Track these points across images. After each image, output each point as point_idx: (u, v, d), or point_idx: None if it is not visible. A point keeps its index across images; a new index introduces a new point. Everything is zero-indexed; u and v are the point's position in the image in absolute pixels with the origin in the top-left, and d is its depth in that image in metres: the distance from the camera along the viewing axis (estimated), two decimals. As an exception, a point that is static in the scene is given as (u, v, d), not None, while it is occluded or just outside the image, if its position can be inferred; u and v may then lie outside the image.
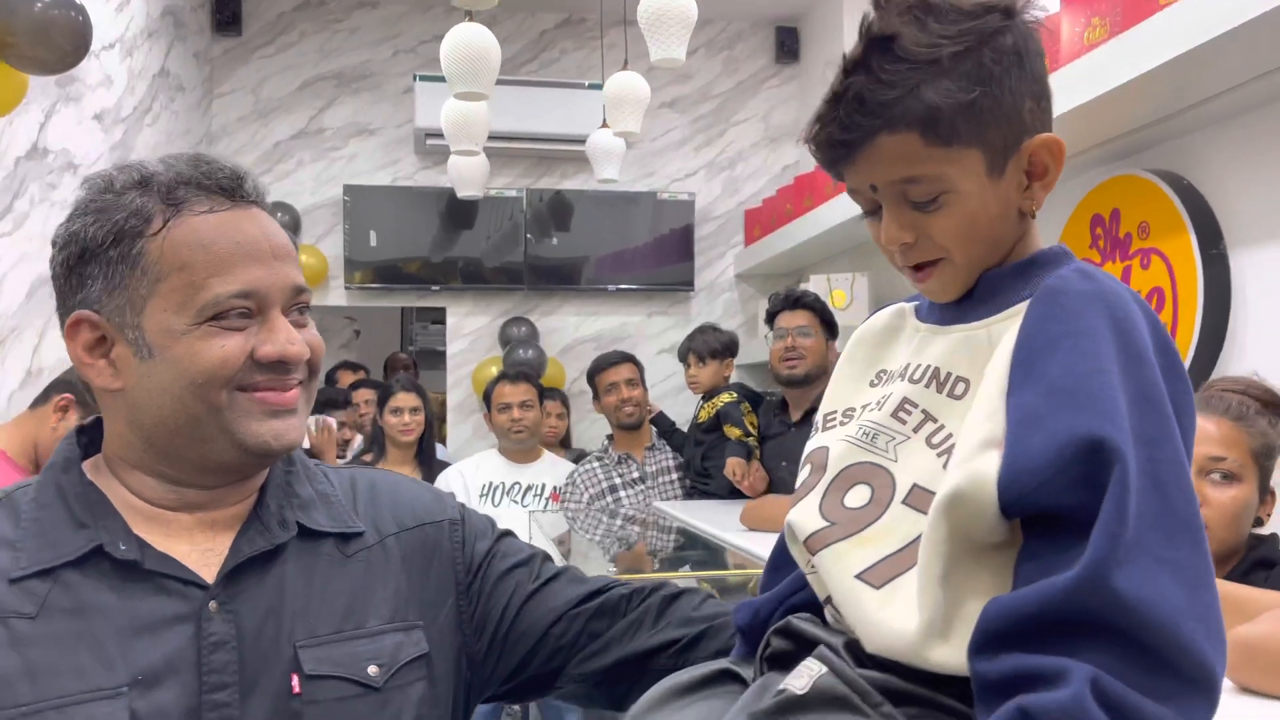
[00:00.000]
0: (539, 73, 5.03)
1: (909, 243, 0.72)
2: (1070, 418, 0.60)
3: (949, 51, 0.67)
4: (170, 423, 0.82)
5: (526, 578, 0.98)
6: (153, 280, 0.81)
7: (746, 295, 5.22)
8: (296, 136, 4.93)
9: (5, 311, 2.59)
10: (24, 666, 0.75)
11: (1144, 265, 2.50)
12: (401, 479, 1.03)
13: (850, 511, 0.72)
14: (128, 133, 3.52)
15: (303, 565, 0.86)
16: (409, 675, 0.87)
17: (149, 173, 0.83)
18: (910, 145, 0.68)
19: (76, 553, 0.79)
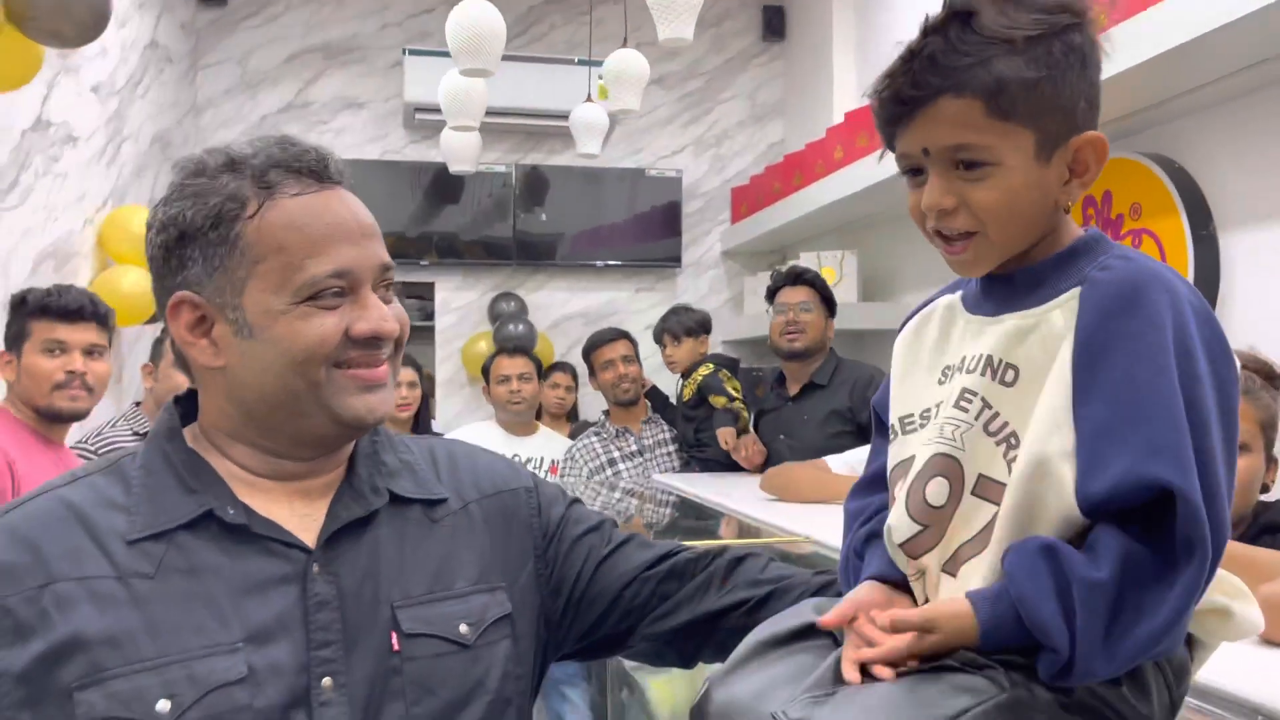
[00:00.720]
0: (528, 48, 5.03)
1: (949, 209, 0.76)
2: (1137, 452, 0.67)
3: (1024, 35, 0.73)
4: (271, 398, 0.86)
5: (599, 543, 1.03)
6: (251, 262, 0.84)
7: (733, 272, 5.29)
8: (284, 110, 4.90)
9: (14, 284, 2.58)
10: (145, 623, 0.78)
11: (1135, 245, 2.60)
12: (476, 449, 1.07)
13: (933, 510, 0.78)
14: (122, 104, 3.50)
15: (394, 530, 0.90)
16: (495, 634, 0.91)
17: (239, 156, 0.86)
18: (971, 112, 0.73)
19: (188, 516, 0.83)
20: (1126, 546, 0.68)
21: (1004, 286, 0.80)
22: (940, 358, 0.84)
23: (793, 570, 1.04)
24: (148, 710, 0.76)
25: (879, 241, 4.15)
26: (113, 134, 3.40)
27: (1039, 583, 0.69)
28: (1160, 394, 0.68)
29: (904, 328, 0.90)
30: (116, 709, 0.75)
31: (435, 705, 0.86)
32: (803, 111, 5.06)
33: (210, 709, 0.77)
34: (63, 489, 0.85)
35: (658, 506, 2.87)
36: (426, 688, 0.85)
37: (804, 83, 5.07)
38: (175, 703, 0.76)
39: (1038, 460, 0.72)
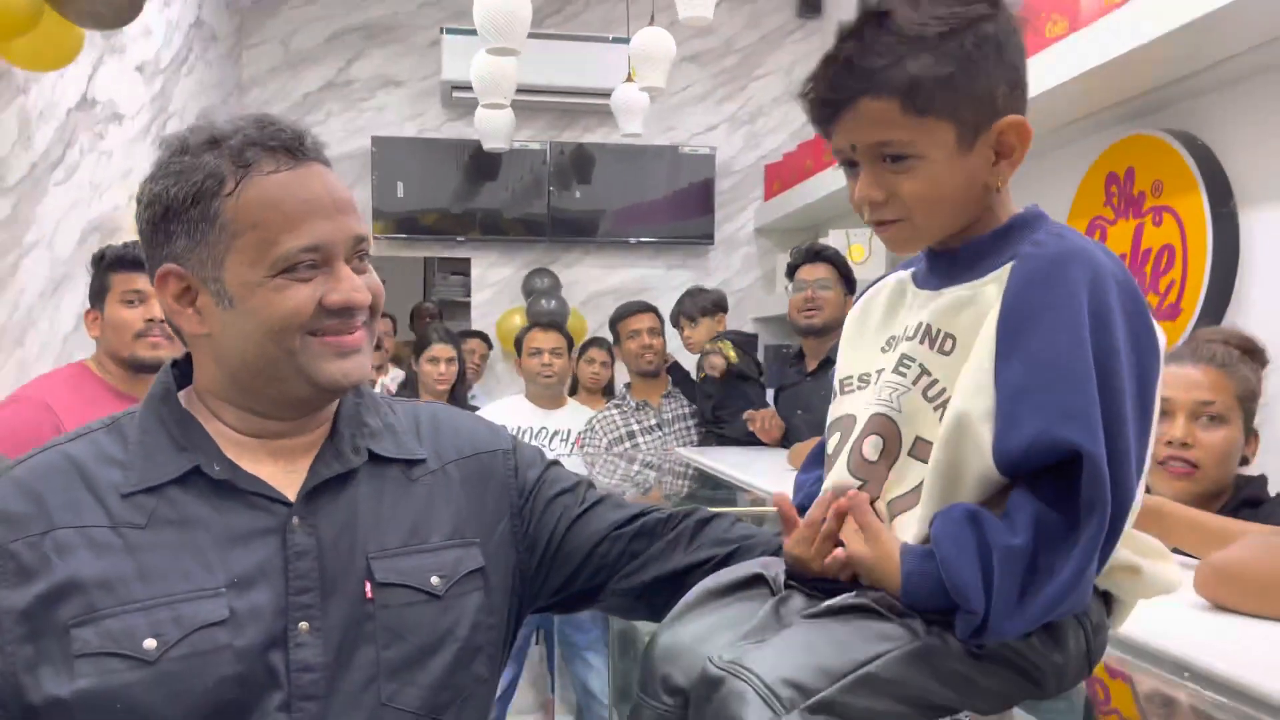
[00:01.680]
0: (563, 26, 5.07)
1: (879, 201, 0.80)
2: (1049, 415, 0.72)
3: (935, 31, 0.76)
4: (252, 365, 0.91)
5: (573, 502, 1.07)
6: (230, 236, 0.88)
7: (765, 249, 5.30)
8: (325, 88, 5.00)
9: (59, 258, 2.70)
10: (137, 569, 0.85)
11: (1156, 222, 2.58)
12: (460, 413, 1.13)
13: (870, 466, 0.83)
14: (166, 83, 3.61)
15: (373, 487, 0.96)
16: (467, 585, 0.97)
17: (219, 134, 0.90)
18: (889, 111, 0.77)
19: (178, 471, 0.90)
20: (1039, 511, 0.72)
21: (947, 262, 0.85)
22: (886, 328, 0.88)
23: (757, 530, 1.09)
24: (136, 647, 0.83)
25: (909, 219, 4.14)
26: (157, 112, 3.52)
27: (962, 547, 0.73)
28: (1074, 361, 0.72)
29: (859, 298, 0.95)
30: (108, 645, 0.82)
31: (405, 649, 0.91)
32: (838, 88, 5.04)
33: (193, 647, 0.84)
34: (67, 445, 0.92)
35: (676, 479, 2.93)
36: (397, 633, 0.91)
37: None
38: (161, 641, 0.83)
39: (959, 420, 0.76)
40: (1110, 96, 2.59)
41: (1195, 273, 2.44)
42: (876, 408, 0.83)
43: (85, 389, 1.93)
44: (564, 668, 3.42)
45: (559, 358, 3.49)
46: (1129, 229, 2.67)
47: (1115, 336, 0.73)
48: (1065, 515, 0.72)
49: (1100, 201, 2.76)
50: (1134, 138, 2.64)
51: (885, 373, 0.84)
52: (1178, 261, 2.50)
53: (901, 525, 0.80)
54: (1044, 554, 0.72)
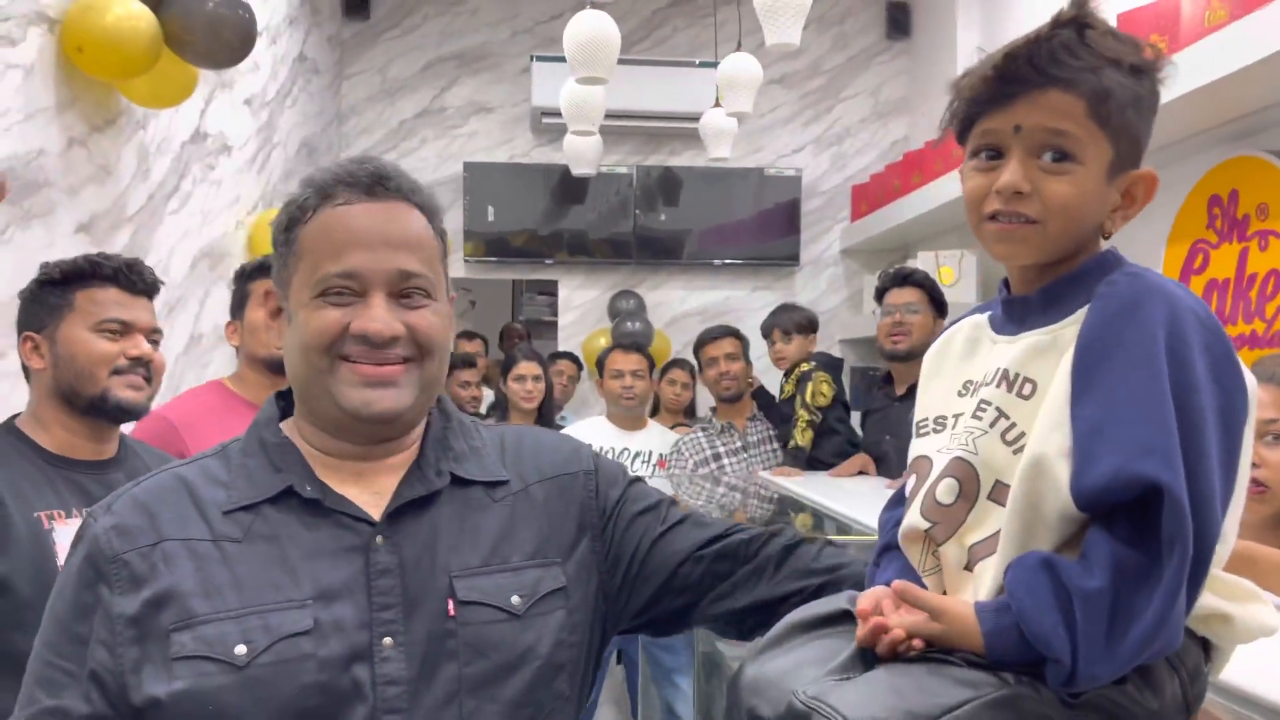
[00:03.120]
0: (651, 51, 5.14)
1: (1024, 192, 0.79)
2: (1127, 450, 0.71)
3: (1130, 62, 0.79)
4: (298, 381, 0.98)
5: (655, 521, 1.08)
6: (297, 259, 0.96)
7: (851, 270, 5.26)
8: (420, 115, 5.16)
9: (173, 282, 2.85)
10: (232, 580, 0.91)
11: (1262, 247, 2.49)
12: (545, 434, 1.15)
13: (944, 509, 0.83)
14: (272, 114, 3.78)
15: (456, 508, 1.00)
16: (548, 605, 0.98)
17: (322, 172, 0.98)
18: (1074, 108, 0.78)
19: (273, 491, 0.96)
20: (1116, 550, 0.72)
21: (1022, 308, 0.85)
22: (962, 372, 0.89)
23: (847, 557, 1.08)
24: (228, 652, 0.88)
25: (1000, 241, 4.07)
26: (263, 142, 3.68)
27: (1039, 596, 0.73)
28: (1150, 396, 0.72)
29: (935, 342, 0.95)
30: (203, 649, 0.88)
31: (486, 666, 0.94)
32: (926, 109, 5.00)
33: (279, 654, 0.88)
34: (180, 468, 1.00)
35: (761, 502, 2.93)
36: (478, 650, 0.94)
37: (928, 80, 5.00)
38: (250, 647, 0.88)
39: (1036, 459, 0.76)
40: (1212, 118, 2.52)
41: (1304, 299, 2.35)
42: (954, 451, 0.83)
43: (215, 404, 1.94)
44: (647, 689, 3.43)
45: (640, 379, 3.52)
46: (1233, 253, 2.59)
47: (1195, 373, 0.73)
48: (1144, 553, 0.71)
49: (1203, 224, 2.68)
50: (1237, 159, 2.56)
51: (964, 417, 0.84)
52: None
53: (981, 571, 0.80)
54: (1125, 594, 0.71)
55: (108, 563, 0.92)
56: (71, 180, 2.24)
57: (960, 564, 0.83)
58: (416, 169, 5.09)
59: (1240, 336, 2.53)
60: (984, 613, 0.77)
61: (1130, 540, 0.72)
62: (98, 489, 1.51)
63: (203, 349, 3.08)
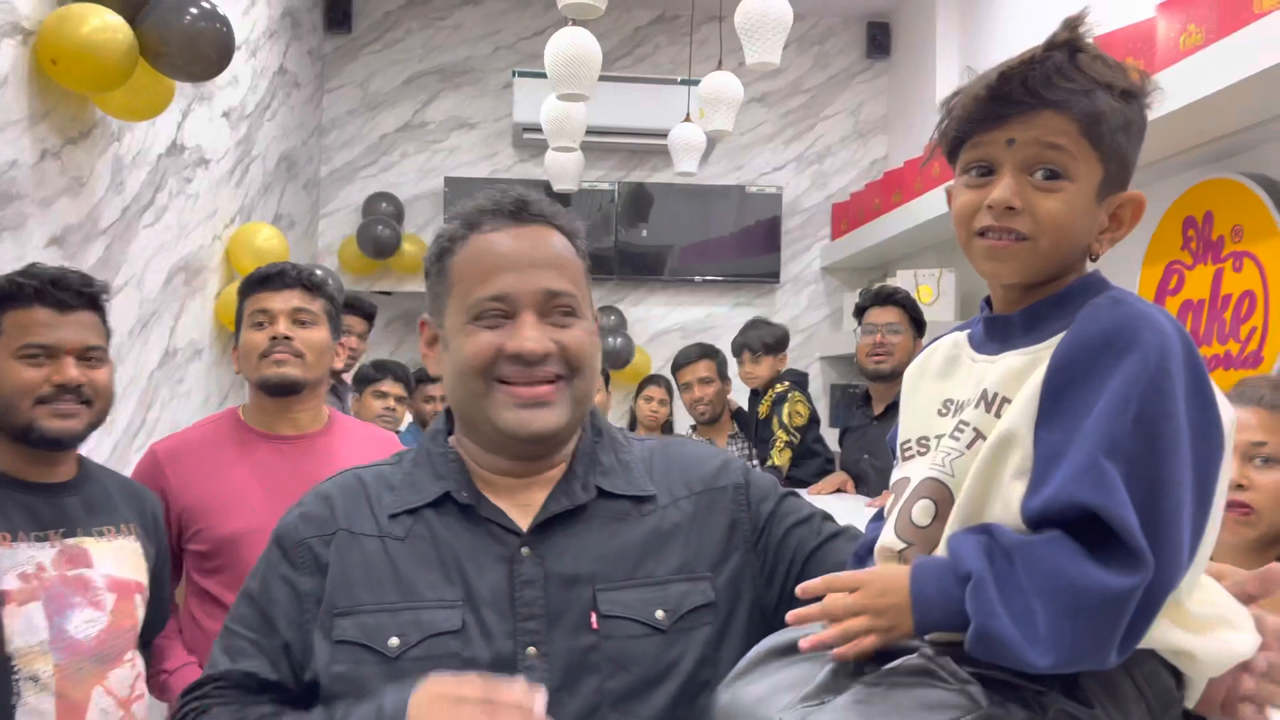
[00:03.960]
0: (633, 68, 5.15)
1: (1016, 208, 0.79)
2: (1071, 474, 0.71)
3: (1120, 86, 0.80)
4: (457, 402, 1.04)
5: (809, 535, 1.06)
6: (449, 287, 1.02)
7: (832, 288, 5.28)
8: (401, 130, 5.15)
9: (147, 297, 2.82)
10: (393, 575, 0.98)
11: (1236, 268, 2.51)
12: (695, 447, 1.15)
13: (917, 529, 0.82)
14: (251, 127, 3.75)
15: (603, 522, 1.01)
16: (694, 620, 0.98)
17: (471, 204, 1.05)
18: (1067, 127, 0.79)
19: (432, 497, 1.02)
20: (1060, 536, 0.72)
21: (1004, 327, 0.85)
22: (942, 391, 0.88)
23: None
24: (383, 643, 0.94)
25: (979, 260, 4.09)
26: (241, 155, 3.66)
27: (967, 535, 0.76)
28: (1112, 426, 0.71)
29: (914, 361, 0.95)
30: (361, 636, 0.95)
31: (629, 681, 0.94)
32: (906, 128, 5.03)
33: (428, 650, 0.93)
34: (362, 470, 1.09)
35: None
36: (620, 664, 0.94)
37: (908, 99, 5.04)
38: (403, 641, 0.94)
39: (986, 474, 0.77)
40: (1186, 140, 2.54)
41: (1278, 319, 2.37)
42: (930, 472, 0.83)
43: (213, 436, 1.85)
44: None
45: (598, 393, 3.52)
46: (1208, 274, 2.61)
47: (1173, 403, 0.72)
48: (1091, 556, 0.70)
49: (1177, 245, 2.70)
50: (1212, 181, 2.58)
51: (944, 438, 0.84)
52: (1259, 308, 2.43)
53: None
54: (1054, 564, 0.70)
55: (294, 546, 1.02)
56: (44, 193, 2.21)
57: None
58: (396, 183, 5.09)
59: (1214, 357, 2.55)
60: (915, 564, 0.77)
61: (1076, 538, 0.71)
62: (49, 513, 1.48)
63: (177, 364, 3.04)
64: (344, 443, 1.87)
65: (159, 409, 2.90)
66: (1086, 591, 0.69)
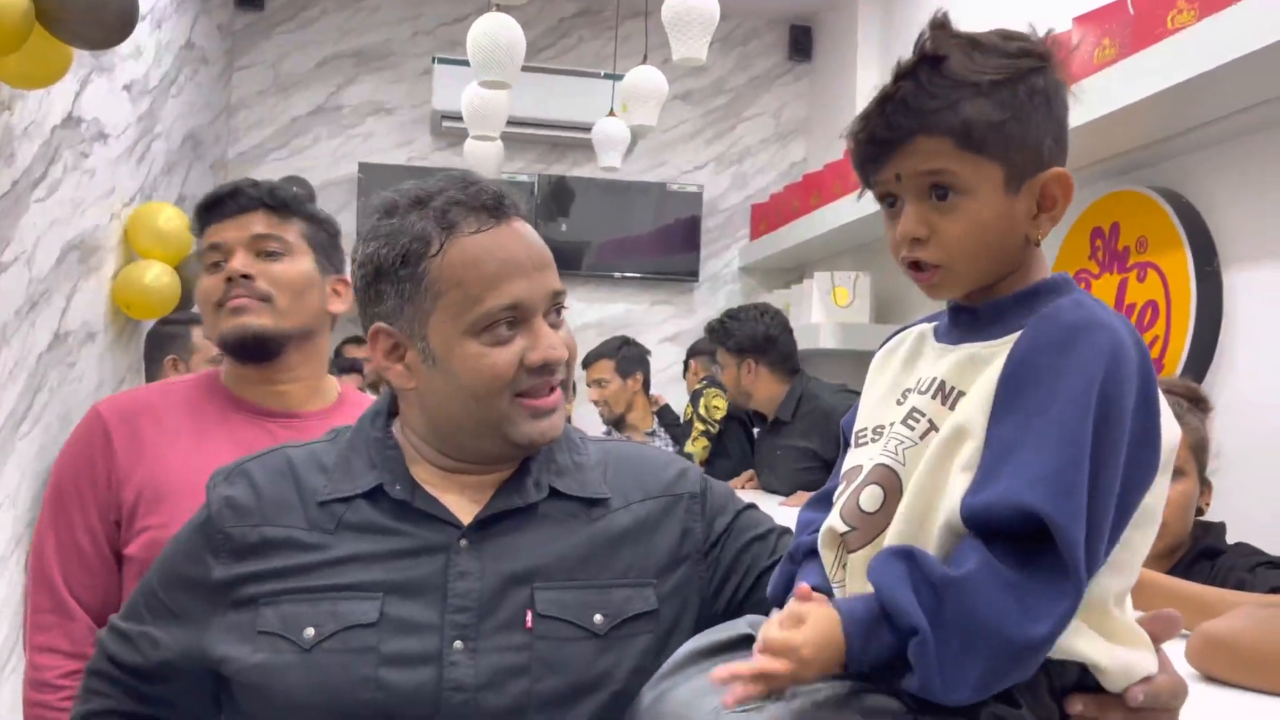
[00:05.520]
0: (556, 60, 5.09)
1: (922, 238, 0.80)
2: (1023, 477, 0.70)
3: (989, 79, 0.77)
4: (454, 421, 0.97)
5: (763, 552, 1.03)
6: (434, 296, 0.93)
7: (749, 288, 5.31)
8: (314, 113, 4.99)
9: (37, 275, 2.66)
10: (318, 566, 0.95)
11: (1140, 278, 2.60)
12: (652, 452, 1.12)
13: (866, 516, 0.81)
14: (154, 103, 3.58)
15: (551, 521, 0.98)
16: (634, 628, 0.95)
17: (424, 195, 0.96)
18: (943, 147, 0.78)
19: (365, 487, 0.98)
20: (985, 558, 0.70)
21: (969, 318, 0.84)
22: (902, 381, 0.87)
23: None
24: (298, 634, 0.91)
25: (893, 265, 4.15)
26: (144, 132, 3.49)
27: (893, 572, 0.72)
28: (1069, 430, 0.71)
29: (880, 348, 0.93)
30: (279, 626, 0.92)
31: (558, 685, 0.91)
32: (826, 132, 5.09)
33: (343, 643, 0.91)
34: (292, 449, 1.04)
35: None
36: (551, 667, 0.91)
37: (828, 103, 5.09)
38: (318, 631, 0.91)
39: (935, 466, 0.76)
40: (1096, 153, 2.62)
41: (1179, 329, 2.45)
42: (880, 458, 0.82)
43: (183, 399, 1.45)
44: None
45: None
46: (1113, 284, 2.69)
47: (1121, 410, 0.72)
48: (1014, 568, 0.70)
49: (1085, 255, 2.78)
50: (1120, 193, 2.66)
51: (895, 425, 0.83)
52: (1161, 317, 2.51)
53: None
54: (985, 595, 0.69)
55: (216, 534, 0.98)
56: (-76, 161, 2.06)
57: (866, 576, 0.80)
58: (308, 168, 4.93)
59: (1119, 363, 2.63)
60: (843, 602, 0.75)
61: (1005, 557, 0.70)
62: None
63: (69, 347, 2.88)
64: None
65: (48, 394, 2.74)
66: (1014, 644, 0.69)
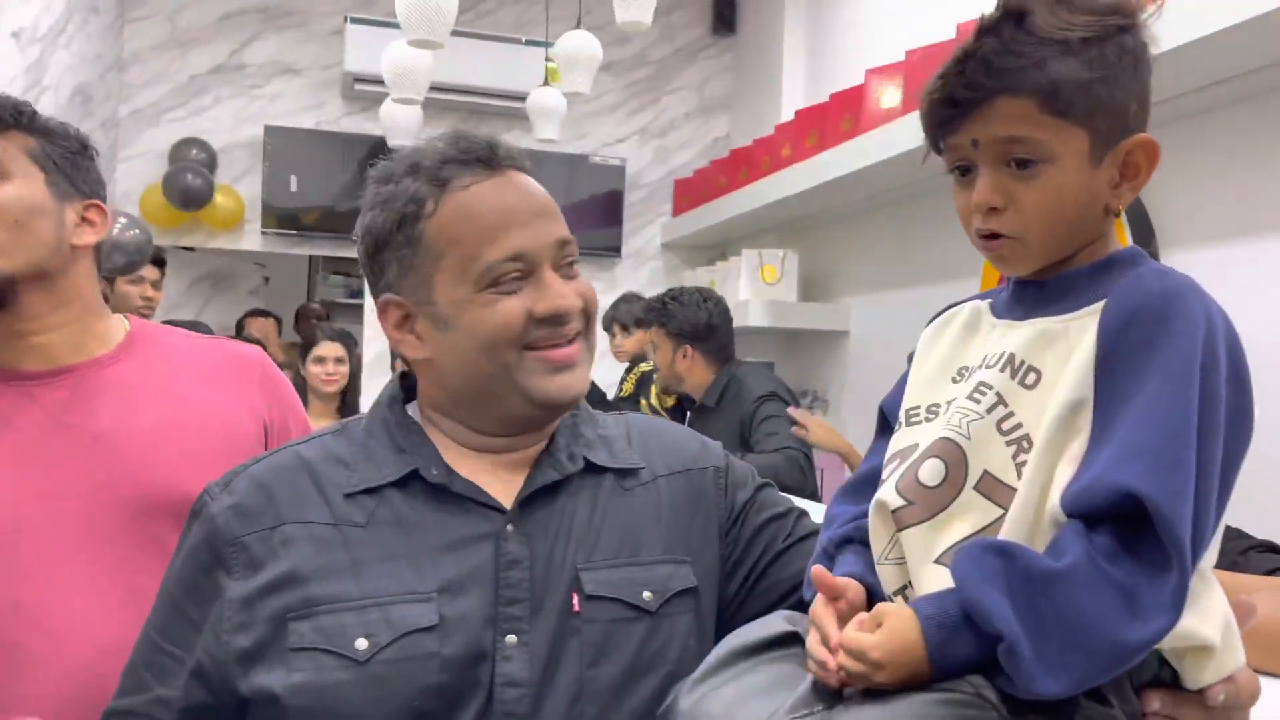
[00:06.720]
0: (474, 24, 4.91)
1: (997, 208, 0.75)
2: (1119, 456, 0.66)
3: (1077, 36, 0.72)
4: (472, 383, 0.91)
5: (780, 532, 1.00)
6: (435, 257, 0.89)
7: (672, 265, 5.26)
8: (215, 71, 4.70)
9: (-86, 236, 2.41)
10: (353, 567, 0.86)
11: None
12: (670, 426, 1.08)
13: (926, 490, 0.75)
14: (43, 53, 3.31)
15: (587, 496, 0.94)
16: (679, 606, 0.91)
17: (418, 157, 0.92)
18: (1026, 110, 0.72)
19: (397, 474, 0.90)
20: (1087, 546, 0.65)
21: (1035, 292, 0.78)
22: (957, 358, 0.82)
23: None
24: (348, 645, 0.83)
25: (821, 242, 4.16)
26: (31, 83, 3.21)
27: (985, 570, 0.67)
28: (1173, 408, 0.66)
29: (929, 326, 0.88)
30: (322, 641, 0.83)
31: (612, 670, 0.86)
32: (749, 107, 5.05)
33: (402, 651, 0.83)
34: (299, 445, 0.95)
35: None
36: (603, 651, 0.87)
37: (752, 78, 5.06)
38: (372, 642, 0.83)
39: (1045, 464, 0.70)
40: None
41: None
42: (943, 432, 0.76)
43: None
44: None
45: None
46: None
47: (1219, 386, 0.68)
48: (1120, 557, 0.65)
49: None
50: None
51: (958, 400, 0.77)
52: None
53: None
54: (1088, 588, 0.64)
55: (226, 545, 0.88)
56: None
57: (928, 555, 0.74)
58: (209, 130, 4.66)
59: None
60: (920, 603, 0.69)
61: (1107, 545, 0.66)
62: None
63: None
64: (154, 368, 1.21)
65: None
66: (1120, 646, 0.64)
